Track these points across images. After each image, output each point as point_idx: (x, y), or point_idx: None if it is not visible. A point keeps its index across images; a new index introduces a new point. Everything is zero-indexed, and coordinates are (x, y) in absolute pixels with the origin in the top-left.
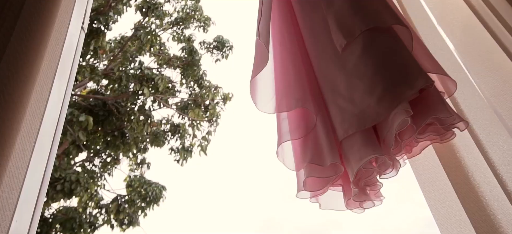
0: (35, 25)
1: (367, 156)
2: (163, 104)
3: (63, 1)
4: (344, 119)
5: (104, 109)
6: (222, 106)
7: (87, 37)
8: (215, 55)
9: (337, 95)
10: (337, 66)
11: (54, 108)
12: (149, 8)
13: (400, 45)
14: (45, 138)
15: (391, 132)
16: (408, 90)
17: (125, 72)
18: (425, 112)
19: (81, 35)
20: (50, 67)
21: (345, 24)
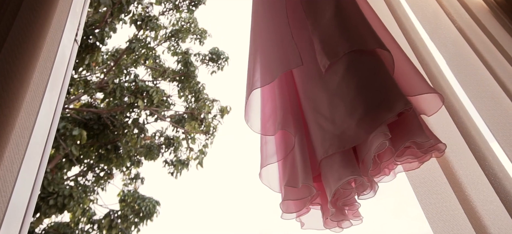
0: (27, 37)
1: (345, 177)
2: (158, 117)
3: (56, 13)
4: (325, 139)
5: (99, 122)
6: (219, 119)
7: (82, 52)
8: (211, 67)
9: (319, 115)
10: (320, 87)
11: (45, 120)
12: (144, 21)
13: (382, 68)
14: (35, 150)
15: (369, 154)
16: (387, 113)
17: (119, 85)
18: (404, 136)
19: (74, 47)
20: (41, 79)
21: (329, 45)
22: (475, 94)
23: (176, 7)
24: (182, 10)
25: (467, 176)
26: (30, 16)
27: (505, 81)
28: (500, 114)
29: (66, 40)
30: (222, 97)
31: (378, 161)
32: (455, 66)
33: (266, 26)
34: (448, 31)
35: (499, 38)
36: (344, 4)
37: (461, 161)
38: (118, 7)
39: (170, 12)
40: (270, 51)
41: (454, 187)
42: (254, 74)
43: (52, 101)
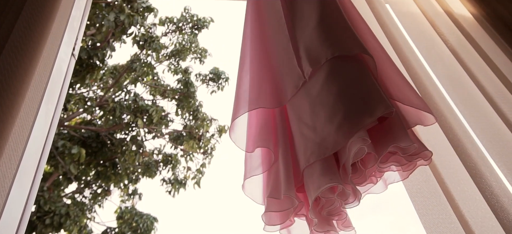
0: (24, 50)
1: (324, 185)
2: (156, 135)
3: (53, 27)
4: (307, 148)
5: (97, 140)
6: (217, 138)
7: (83, 71)
8: (211, 86)
9: (302, 124)
10: (304, 95)
11: (40, 133)
12: (146, 41)
13: (365, 73)
14: (28, 164)
15: (348, 160)
16: (367, 118)
17: (119, 103)
18: (387, 141)
19: (71, 61)
20: (36, 92)
21: (312, 52)
22: (469, 111)
23: (179, 29)
24: (184, 33)
25: (461, 192)
26: (26, 29)
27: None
28: (494, 132)
29: (63, 54)
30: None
31: (362, 168)
32: (449, 84)
33: (263, 38)
34: (441, 50)
35: (489, 52)
36: (329, 12)
37: (454, 176)
38: (121, 28)
39: (173, 33)
40: (274, 71)
41: (450, 202)
42: (252, 91)
43: (48, 115)
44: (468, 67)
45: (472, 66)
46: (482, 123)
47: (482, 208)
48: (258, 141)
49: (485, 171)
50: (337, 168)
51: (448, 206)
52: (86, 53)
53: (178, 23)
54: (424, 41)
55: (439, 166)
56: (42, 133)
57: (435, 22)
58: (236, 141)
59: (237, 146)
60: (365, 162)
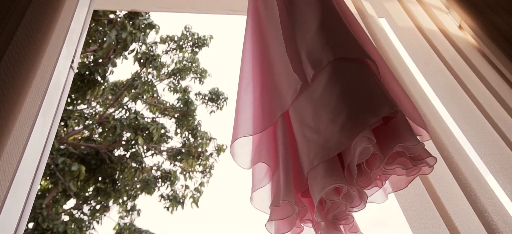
0: (21, 62)
1: (329, 186)
2: (156, 152)
3: (52, 39)
4: (310, 151)
5: (97, 157)
6: (215, 157)
7: (84, 86)
8: (210, 106)
9: (305, 126)
10: (306, 98)
11: (36, 145)
12: (148, 59)
13: (368, 74)
14: (24, 177)
15: (353, 160)
16: (371, 117)
17: (119, 121)
18: (392, 140)
19: (70, 73)
20: (33, 103)
21: (314, 55)
22: (467, 128)
23: (180, 48)
24: (185, 51)
25: (454, 206)
26: (25, 41)
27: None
28: (492, 146)
29: (62, 66)
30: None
31: (367, 170)
32: (446, 101)
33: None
34: (438, 68)
35: (484, 70)
36: (329, 18)
37: (446, 190)
38: (123, 45)
39: (174, 51)
40: (274, 81)
41: (442, 216)
42: (255, 109)
43: (45, 127)
44: (464, 82)
45: (468, 81)
46: (480, 138)
47: (474, 221)
48: (257, 157)
49: (476, 185)
50: (342, 170)
51: (440, 220)
52: (87, 69)
53: (179, 41)
54: (421, 55)
55: (432, 180)
56: (39, 146)
57: (430, 38)
58: (237, 160)
59: (239, 165)
60: (370, 163)
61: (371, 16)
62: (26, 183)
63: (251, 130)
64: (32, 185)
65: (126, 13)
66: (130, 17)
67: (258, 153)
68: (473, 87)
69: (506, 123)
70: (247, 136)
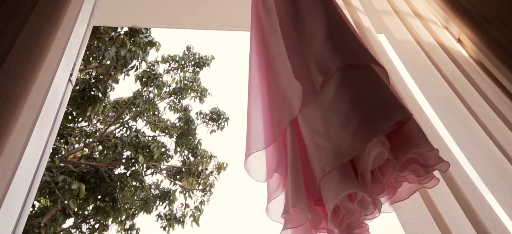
0: (18, 73)
1: (343, 192)
2: (155, 171)
3: (51, 51)
4: (321, 157)
5: (96, 176)
6: (216, 175)
7: (84, 103)
8: (211, 126)
9: (315, 133)
10: (315, 105)
11: (31, 159)
12: (149, 78)
13: (378, 80)
14: (17, 192)
15: (367, 166)
16: (385, 122)
17: (120, 139)
18: (406, 146)
19: (68, 87)
20: (29, 115)
21: (322, 62)
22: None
23: (181, 67)
24: (186, 70)
25: (452, 219)
26: (23, 53)
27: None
28: (489, 162)
29: (60, 79)
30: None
31: (380, 177)
32: (445, 115)
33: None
34: (438, 83)
35: (484, 88)
36: (336, 25)
37: (444, 203)
38: (122, 62)
39: (175, 71)
40: (281, 90)
41: (441, 228)
42: (266, 122)
43: (41, 140)
44: (463, 97)
45: (467, 95)
46: (478, 155)
47: None
48: (271, 169)
49: (473, 200)
50: (355, 176)
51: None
52: (88, 85)
53: (180, 61)
54: (420, 69)
55: (430, 193)
56: (34, 159)
57: (429, 52)
58: (252, 175)
59: (254, 179)
60: (383, 170)
61: (369, 30)
62: (19, 198)
63: (263, 144)
64: (26, 201)
65: (127, 31)
66: (130, 35)
67: (272, 164)
68: (472, 101)
69: (505, 137)
70: (260, 150)
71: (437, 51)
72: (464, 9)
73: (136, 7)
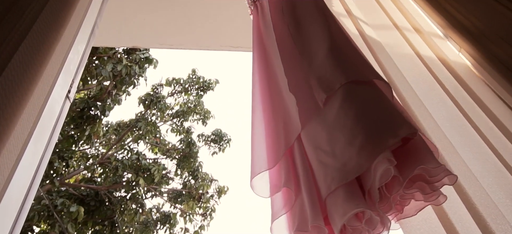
0: (14, 88)
1: (350, 211)
2: (156, 193)
3: (48, 67)
4: (326, 175)
5: (96, 199)
6: (216, 199)
7: (83, 123)
8: (213, 148)
9: (320, 151)
10: (319, 122)
11: (24, 174)
12: (152, 101)
13: (382, 95)
14: (7, 211)
15: (374, 183)
16: (391, 138)
17: (121, 161)
18: (412, 162)
19: (66, 103)
20: (24, 129)
21: (325, 79)
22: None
23: (185, 91)
24: (190, 94)
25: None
26: (20, 67)
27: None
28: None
29: (57, 94)
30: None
31: (387, 194)
32: (448, 127)
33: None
34: (439, 95)
35: (485, 96)
36: (337, 41)
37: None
38: (120, 79)
39: (179, 94)
40: (283, 107)
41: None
42: (268, 141)
43: (36, 155)
44: (464, 109)
45: (468, 108)
46: (484, 163)
47: None
48: (277, 185)
49: (484, 211)
50: (362, 194)
51: None
52: (86, 104)
53: (184, 84)
54: (422, 82)
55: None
56: (27, 175)
57: (431, 67)
58: (257, 191)
59: (259, 195)
60: (389, 187)
61: (372, 39)
62: (9, 219)
63: (266, 164)
64: (16, 221)
65: (125, 49)
66: (128, 52)
67: (278, 181)
68: (474, 114)
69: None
70: (264, 171)
71: (437, 65)
72: (462, 26)
73: (137, 27)
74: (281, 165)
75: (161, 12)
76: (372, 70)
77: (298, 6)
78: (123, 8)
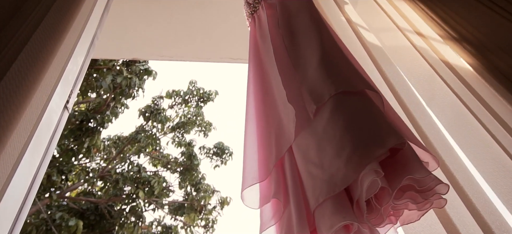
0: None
1: (338, 223)
2: (157, 206)
3: (47, 76)
4: (315, 187)
5: (96, 212)
6: (219, 211)
7: (82, 136)
8: (215, 161)
9: (309, 163)
10: (309, 133)
11: (20, 184)
12: (152, 113)
13: (371, 106)
14: (3, 217)
15: (362, 195)
16: (378, 149)
17: (121, 174)
18: (400, 173)
19: (64, 113)
20: (20, 138)
21: (315, 90)
22: (476, 157)
23: (185, 102)
24: (190, 105)
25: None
26: (18, 76)
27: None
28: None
29: (55, 104)
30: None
31: (377, 206)
32: (454, 130)
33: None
34: (444, 97)
35: (490, 102)
36: (330, 52)
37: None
38: (119, 91)
39: (179, 106)
40: (278, 117)
41: None
42: (260, 153)
43: (32, 164)
44: (470, 108)
45: (474, 107)
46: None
47: None
48: (266, 196)
49: (488, 216)
50: (351, 206)
51: None
52: (85, 117)
53: (184, 96)
54: (424, 84)
55: (446, 208)
56: (23, 185)
57: (436, 70)
58: (247, 203)
59: (248, 207)
60: (379, 199)
61: (373, 45)
62: (4, 228)
63: (257, 177)
64: (11, 232)
65: (125, 61)
66: (127, 64)
67: (268, 192)
68: (481, 114)
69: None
70: (255, 183)
71: (441, 65)
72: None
73: (137, 40)
74: (272, 176)
75: (161, 24)
76: (363, 81)
77: (293, 18)
78: (123, 20)
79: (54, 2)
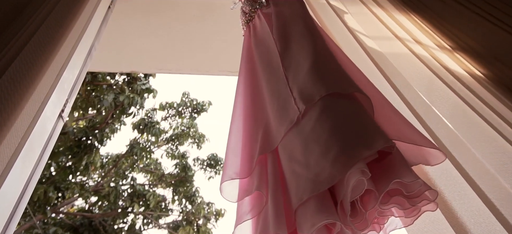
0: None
1: (319, 222)
2: (155, 224)
3: (41, 83)
4: (299, 186)
5: (90, 228)
6: (214, 223)
7: (81, 152)
8: (208, 172)
9: (294, 162)
10: (295, 134)
11: (10, 192)
12: (146, 126)
13: (360, 109)
14: None
15: (346, 195)
16: (366, 150)
17: (115, 188)
18: (388, 176)
19: (59, 122)
20: (11, 145)
21: (306, 92)
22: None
23: (179, 114)
24: (184, 117)
25: (475, 224)
26: (11, 84)
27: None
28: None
29: (49, 112)
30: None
31: (363, 210)
32: (455, 121)
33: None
34: (445, 96)
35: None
36: (322, 56)
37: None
38: (120, 110)
39: (172, 117)
40: (267, 116)
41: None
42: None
43: (24, 172)
44: (475, 108)
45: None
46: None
47: None
48: (246, 190)
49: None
50: (335, 207)
51: None
52: (84, 134)
53: (178, 107)
54: (426, 81)
55: (452, 201)
56: (14, 192)
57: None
58: (225, 195)
59: (226, 200)
60: (365, 203)
61: (373, 51)
62: None
63: (239, 173)
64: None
65: (125, 79)
66: (128, 82)
67: (248, 186)
68: (484, 112)
69: None
70: (237, 178)
71: (441, 70)
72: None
73: (136, 53)
74: (255, 171)
75: (160, 37)
76: (352, 84)
77: (288, 26)
78: (122, 32)
79: (50, 13)
